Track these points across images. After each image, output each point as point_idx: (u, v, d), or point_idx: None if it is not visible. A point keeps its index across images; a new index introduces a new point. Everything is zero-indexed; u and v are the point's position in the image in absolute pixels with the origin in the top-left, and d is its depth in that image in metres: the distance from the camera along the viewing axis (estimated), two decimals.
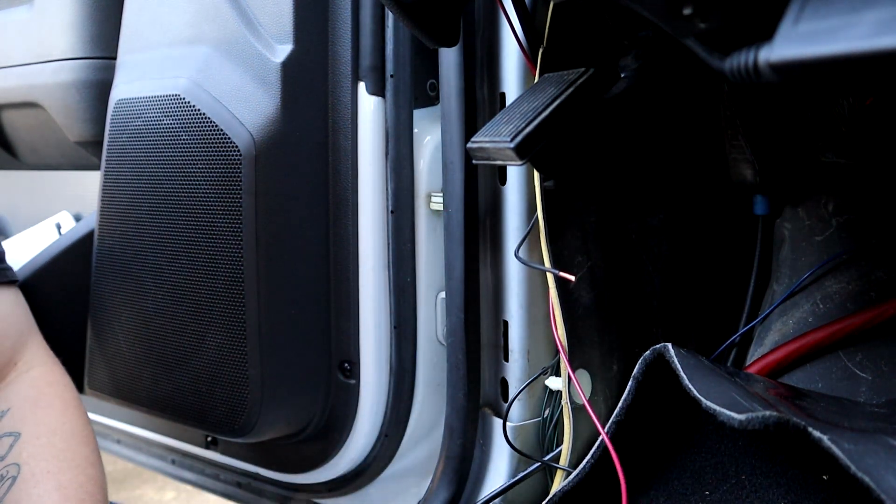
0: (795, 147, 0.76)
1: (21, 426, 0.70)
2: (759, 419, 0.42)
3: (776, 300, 0.78)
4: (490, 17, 0.72)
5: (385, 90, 0.77)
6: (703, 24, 0.38)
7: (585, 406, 0.64)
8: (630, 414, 0.57)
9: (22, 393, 0.73)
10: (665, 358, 0.53)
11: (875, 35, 0.28)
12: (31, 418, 0.71)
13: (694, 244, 0.82)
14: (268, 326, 0.77)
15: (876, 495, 0.36)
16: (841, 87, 0.67)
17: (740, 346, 0.81)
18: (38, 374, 0.75)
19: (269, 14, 0.77)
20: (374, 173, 0.77)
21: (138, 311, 0.85)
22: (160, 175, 0.81)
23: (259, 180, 0.74)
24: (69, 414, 0.72)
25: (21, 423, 0.70)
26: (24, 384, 0.74)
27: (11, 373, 0.74)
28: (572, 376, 0.65)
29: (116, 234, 0.87)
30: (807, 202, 0.78)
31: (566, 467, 0.68)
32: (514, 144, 0.55)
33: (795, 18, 0.32)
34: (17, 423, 0.70)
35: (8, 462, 0.67)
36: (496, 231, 0.75)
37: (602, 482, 0.60)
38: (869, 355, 0.68)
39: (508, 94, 0.72)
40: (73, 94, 1.03)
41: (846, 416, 0.53)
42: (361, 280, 0.79)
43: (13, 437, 0.69)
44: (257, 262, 0.75)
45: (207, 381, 0.80)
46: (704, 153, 0.82)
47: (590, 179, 0.70)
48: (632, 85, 0.60)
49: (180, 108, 0.79)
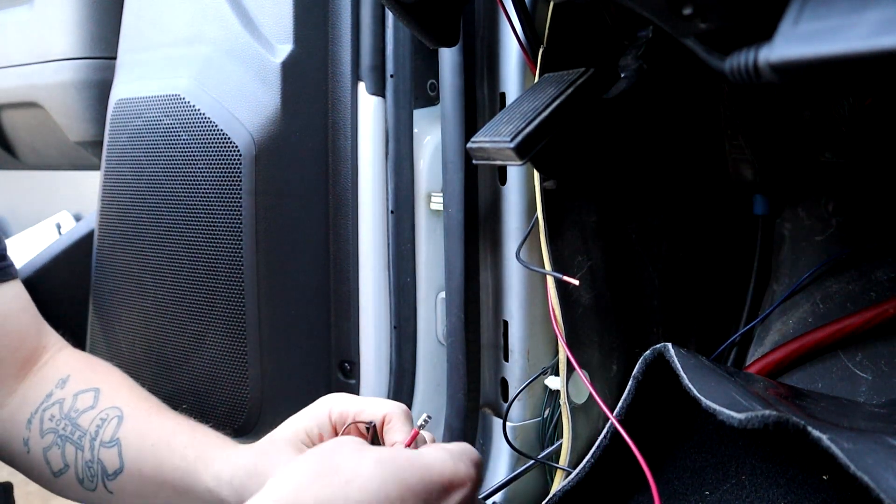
0: (795, 147, 0.76)
1: (95, 383, 0.72)
2: (758, 418, 0.42)
3: (776, 300, 0.78)
4: (490, 17, 0.72)
5: (385, 90, 0.77)
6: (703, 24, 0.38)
7: (593, 394, 0.64)
8: (630, 413, 0.57)
9: (72, 362, 0.75)
10: (665, 358, 0.53)
11: (875, 35, 0.28)
12: (98, 377, 0.73)
13: (694, 244, 0.82)
14: (268, 326, 0.77)
15: (875, 495, 0.36)
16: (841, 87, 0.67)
17: (740, 346, 0.82)
18: (71, 350, 0.78)
19: (269, 14, 0.77)
20: (374, 173, 0.77)
21: (138, 311, 0.85)
22: (160, 175, 0.81)
23: (259, 180, 0.75)
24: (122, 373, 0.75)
25: (92, 381, 0.72)
26: (69, 356, 0.76)
27: (45, 354, 0.76)
28: (578, 370, 0.65)
29: (116, 234, 0.87)
30: (807, 202, 0.78)
31: (566, 467, 0.68)
32: (514, 144, 0.55)
33: (795, 18, 0.32)
34: (89, 382, 0.72)
35: (104, 406, 0.69)
36: (496, 231, 0.75)
37: (603, 481, 0.60)
38: (869, 355, 0.68)
39: (508, 94, 0.72)
40: (73, 94, 1.03)
41: (846, 416, 0.53)
42: (361, 280, 0.79)
43: (94, 391, 0.71)
44: (257, 262, 0.75)
45: (207, 381, 0.80)
46: (704, 153, 0.82)
47: (590, 179, 0.70)
48: (632, 85, 0.60)
49: (180, 108, 0.79)
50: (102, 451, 0.67)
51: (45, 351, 0.76)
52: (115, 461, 0.66)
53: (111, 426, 0.67)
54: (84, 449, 0.68)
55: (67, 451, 0.68)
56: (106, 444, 0.67)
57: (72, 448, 0.68)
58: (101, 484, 0.67)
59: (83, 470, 0.68)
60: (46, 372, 0.74)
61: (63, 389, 0.71)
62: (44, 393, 0.72)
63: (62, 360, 0.75)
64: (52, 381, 0.72)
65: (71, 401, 0.70)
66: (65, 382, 0.72)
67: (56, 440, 0.69)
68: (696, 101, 0.79)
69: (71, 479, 0.69)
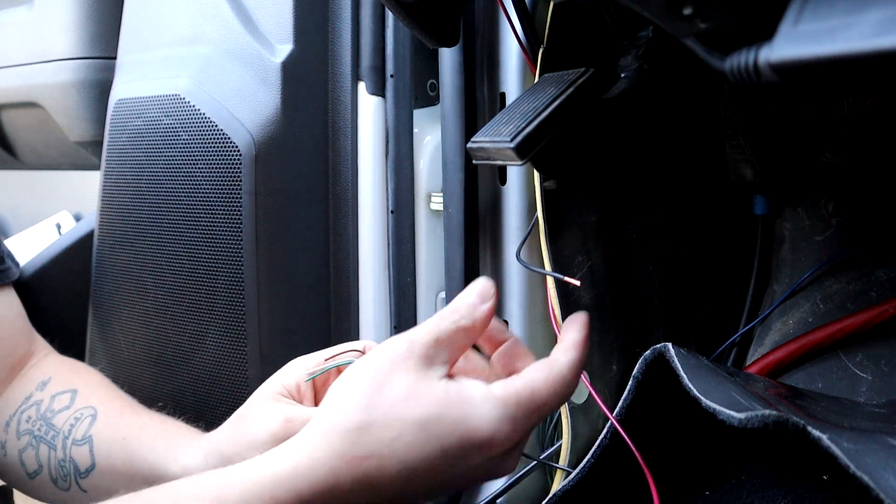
0: (795, 147, 0.76)
1: (74, 385, 0.72)
2: (758, 418, 0.42)
3: (776, 300, 0.78)
4: (490, 17, 0.72)
5: (385, 90, 0.77)
6: (703, 24, 0.38)
7: (592, 394, 0.64)
8: (630, 413, 0.57)
9: (55, 366, 0.75)
10: (665, 358, 0.53)
11: (875, 35, 0.28)
12: (78, 379, 0.73)
13: (694, 244, 0.82)
14: (268, 326, 0.77)
15: (875, 495, 0.36)
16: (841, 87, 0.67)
17: (740, 346, 0.81)
18: (56, 355, 0.78)
19: (269, 14, 0.77)
20: (374, 173, 0.77)
21: (138, 311, 0.85)
22: (160, 175, 0.81)
23: (259, 180, 0.75)
24: (102, 375, 0.76)
25: (71, 383, 0.72)
26: (54, 360, 0.76)
27: (32, 360, 0.76)
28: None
29: (116, 234, 0.87)
30: (807, 202, 0.78)
31: (566, 467, 0.68)
32: (514, 144, 0.55)
33: (796, 18, 0.32)
34: (68, 384, 0.72)
35: (79, 406, 0.69)
36: (496, 231, 0.75)
37: (603, 481, 0.60)
38: (869, 355, 0.68)
39: (508, 94, 0.72)
40: (73, 94, 1.03)
41: (846, 416, 0.53)
42: (361, 280, 0.79)
43: (71, 392, 0.71)
44: (257, 262, 0.75)
45: (207, 381, 0.80)
46: (704, 153, 0.82)
47: (590, 179, 0.70)
48: (632, 85, 0.60)
49: (180, 108, 0.79)
50: (74, 449, 0.67)
51: (33, 356, 0.76)
52: (87, 459, 0.66)
53: (84, 424, 0.67)
54: (57, 448, 0.67)
55: (41, 452, 0.68)
56: (78, 442, 0.67)
57: (45, 448, 0.68)
58: (74, 483, 0.67)
59: (56, 469, 0.67)
60: (30, 375, 0.74)
61: (42, 391, 0.71)
62: (24, 395, 0.72)
63: (46, 364, 0.75)
64: (33, 384, 0.73)
65: (48, 402, 0.70)
66: (45, 385, 0.72)
67: (31, 441, 0.69)
68: (697, 101, 0.79)
69: (45, 480, 0.68)
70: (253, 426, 0.57)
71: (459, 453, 0.44)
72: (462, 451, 0.44)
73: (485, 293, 0.48)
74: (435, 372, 0.46)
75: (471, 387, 0.45)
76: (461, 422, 0.44)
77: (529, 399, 0.45)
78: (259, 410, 0.58)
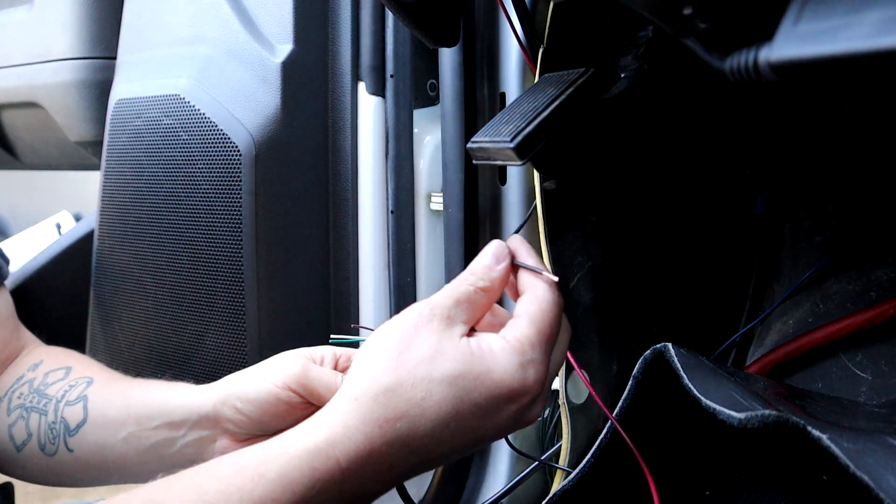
0: (795, 147, 0.76)
1: (67, 363, 0.72)
2: (758, 417, 0.42)
3: (776, 300, 0.78)
4: (490, 17, 0.72)
5: (385, 90, 0.77)
6: (703, 24, 0.38)
7: (592, 394, 0.64)
8: (630, 413, 0.57)
9: (46, 350, 0.76)
10: (665, 357, 0.53)
11: (875, 35, 0.28)
12: (71, 359, 0.73)
13: (694, 244, 0.82)
14: (268, 326, 0.77)
15: (875, 495, 0.36)
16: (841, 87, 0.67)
17: (740, 346, 0.81)
18: (45, 346, 0.78)
19: (269, 14, 0.77)
20: (374, 173, 0.77)
21: (139, 311, 0.85)
22: (160, 175, 0.81)
23: (259, 180, 0.75)
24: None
25: (64, 363, 0.72)
26: (45, 348, 0.77)
27: (23, 352, 0.76)
28: (577, 370, 0.65)
29: (116, 234, 0.87)
30: (807, 202, 0.78)
31: (565, 467, 0.68)
32: (514, 144, 0.55)
33: (796, 18, 0.32)
34: (61, 363, 0.72)
35: (75, 377, 0.69)
36: (496, 231, 0.75)
37: (603, 481, 0.60)
38: (869, 355, 0.68)
39: (508, 94, 0.72)
40: (73, 94, 1.03)
41: (846, 416, 0.53)
42: (361, 280, 0.79)
43: (65, 368, 0.71)
44: (257, 262, 0.75)
45: (207, 380, 0.80)
46: (704, 153, 0.82)
47: (590, 179, 0.70)
48: (632, 85, 0.60)
49: (180, 108, 0.79)
50: (67, 409, 0.67)
51: (22, 350, 0.76)
52: (80, 414, 0.66)
53: (79, 388, 0.68)
54: (48, 413, 0.67)
55: (31, 421, 0.68)
56: (71, 403, 0.67)
57: (36, 416, 0.68)
58: (62, 444, 0.67)
59: (45, 434, 0.67)
60: (21, 361, 0.74)
61: (34, 371, 0.72)
62: (15, 377, 0.72)
63: (36, 351, 0.76)
64: (24, 367, 0.73)
65: (41, 378, 0.70)
66: (37, 366, 0.72)
67: (21, 413, 0.69)
68: (697, 101, 0.79)
69: (33, 449, 0.68)
70: (271, 369, 0.59)
71: (488, 405, 0.45)
72: (491, 402, 0.45)
73: (500, 254, 0.50)
74: (457, 330, 0.47)
75: (490, 340, 0.47)
76: (486, 374, 0.45)
77: (538, 334, 0.47)
78: (280, 358, 0.60)
